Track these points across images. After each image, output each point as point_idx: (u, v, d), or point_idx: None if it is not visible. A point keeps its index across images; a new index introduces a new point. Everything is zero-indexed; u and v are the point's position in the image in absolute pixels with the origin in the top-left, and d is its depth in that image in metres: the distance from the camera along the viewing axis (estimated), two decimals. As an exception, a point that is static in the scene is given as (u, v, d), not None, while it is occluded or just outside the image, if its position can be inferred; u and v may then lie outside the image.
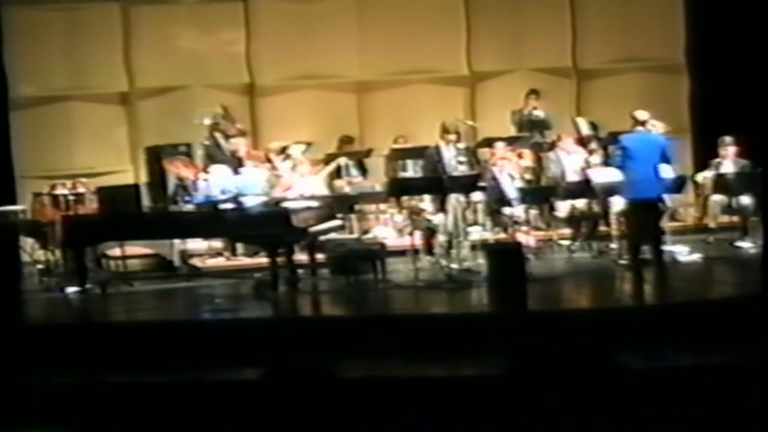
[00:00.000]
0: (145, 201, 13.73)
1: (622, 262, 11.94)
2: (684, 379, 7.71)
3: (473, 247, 12.30)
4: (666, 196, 12.11)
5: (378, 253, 11.82)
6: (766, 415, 6.42)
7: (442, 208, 12.36)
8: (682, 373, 7.97)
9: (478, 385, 7.84)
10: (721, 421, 6.50)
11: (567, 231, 13.27)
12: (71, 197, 12.76)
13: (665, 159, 11.72)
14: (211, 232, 12.35)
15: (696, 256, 12.24)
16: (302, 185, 13.18)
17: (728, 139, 13.39)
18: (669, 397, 6.80)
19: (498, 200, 12.77)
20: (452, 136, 13.16)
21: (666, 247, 12.01)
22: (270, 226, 11.43)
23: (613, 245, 12.48)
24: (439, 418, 7.03)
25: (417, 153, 13.89)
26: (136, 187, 13.82)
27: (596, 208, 12.94)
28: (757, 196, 12.23)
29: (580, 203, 12.99)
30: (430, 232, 12.49)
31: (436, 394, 7.68)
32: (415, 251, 12.02)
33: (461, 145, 13.35)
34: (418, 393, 7.71)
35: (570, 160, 13.74)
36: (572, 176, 13.46)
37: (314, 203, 12.47)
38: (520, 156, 13.92)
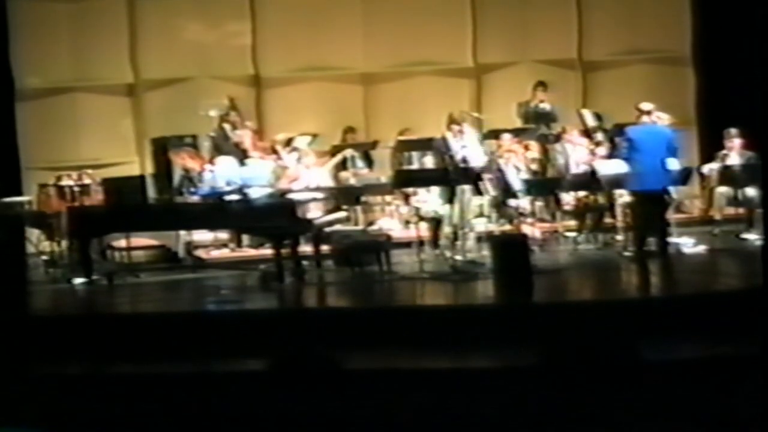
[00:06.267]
0: (151, 192, 13.75)
1: (628, 253, 11.94)
2: (689, 370, 7.72)
3: (478, 238, 12.31)
4: (672, 188, 12.10)
5: (383, 245, 11.82)
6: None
7: (451, 199, 12.34)
8: (686, 365, 7.97)
9: (484, 376, 7.86)
10: (726, 413, 6.51)
11: (572, 223, 13.27)
12: (77, 188, 12.77)
13: (671, 151, 11.70)
14: (216, 224, 12.35)
15: (701, 248, 12.23)
16: (308, 177, 13.18)
17: (734, 131, 13.38)
18: (674, 389, 6.81)
19: (503, 192, 12.76)
20: (457, 127, 13.16)
21: (671, 239, 12.01)
22: (276, 218, 11.45)
23: (619, 237, 12.49)
24: (443, 409, 7.05)
25: (423, 145, 13.89)
26: (141, 178, 13.85)
27: (602, 199, 12.95)
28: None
29: (585, 194, 13.01)
30: (436, 223, 12.51)
31: (441, 386, 7.69)
32: (420, 243, 12.02)
33: (472, 136, 13.36)
34: (423, 384, 7.73)
35: (576, 152, 13.74)
36: (578, 168, 13.46)
37: (320, 195, 12.48)
38: (526, 148, 13.92)
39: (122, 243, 12.64)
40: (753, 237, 12.46)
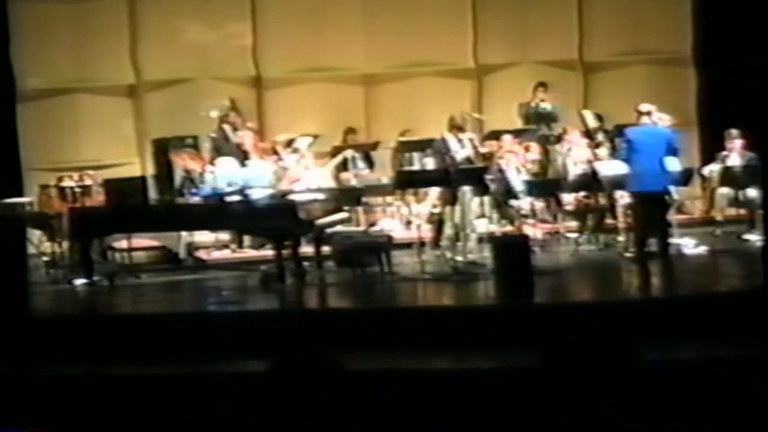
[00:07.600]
0: (152, 193, 13.74)
1: (629, 254, 11.94)
2: (689, 371, 7.71)
3: (480, 239, 12.31)
4: (673, 189, 12.10)
5: (384, 246, 11.81)
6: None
7: (453, 200, 12.35)
8: (687, 366, 7.97)
9: (484, 377, 7.86)
10: (726, 414, 6.50)
11: (573, 224, 13.27)
12: (78, 189, 12.77)
13: (672, 152, 11.71)
14: (217, 225, 12.36)
15: (702, 249, 12.23)
16: (309, 178, 13.18)
17: (735, 131, 13.38)
18: (674, 389, 6.80)
19: (505, 193, 12.77)
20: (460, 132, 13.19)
21: (673, 240, 12.01)
22: (277, 219, 11.45)
23: (620, 238, 12.48)
24: (445, 410, 7.04)
25: (424, 145, 13.90)
26: (143, 179, 13.84)
27: (603, 200, 12.95)
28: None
29: (586, 195, 13.01)
30: (440, 223, 12.52)
31: (442, 387, 7.69)
32: (421, 244, 12.03)
33: (469, 135, 13.36)
34: (424, 385, 7.72)
35: (576, 153, 13.74)
36: (579, 169, 13.46)
37: (321, 196, 12.48)
38: (527, 149, 13.92)
39: (123, 244, 12.63)
40: (754, 238, 12.45)
